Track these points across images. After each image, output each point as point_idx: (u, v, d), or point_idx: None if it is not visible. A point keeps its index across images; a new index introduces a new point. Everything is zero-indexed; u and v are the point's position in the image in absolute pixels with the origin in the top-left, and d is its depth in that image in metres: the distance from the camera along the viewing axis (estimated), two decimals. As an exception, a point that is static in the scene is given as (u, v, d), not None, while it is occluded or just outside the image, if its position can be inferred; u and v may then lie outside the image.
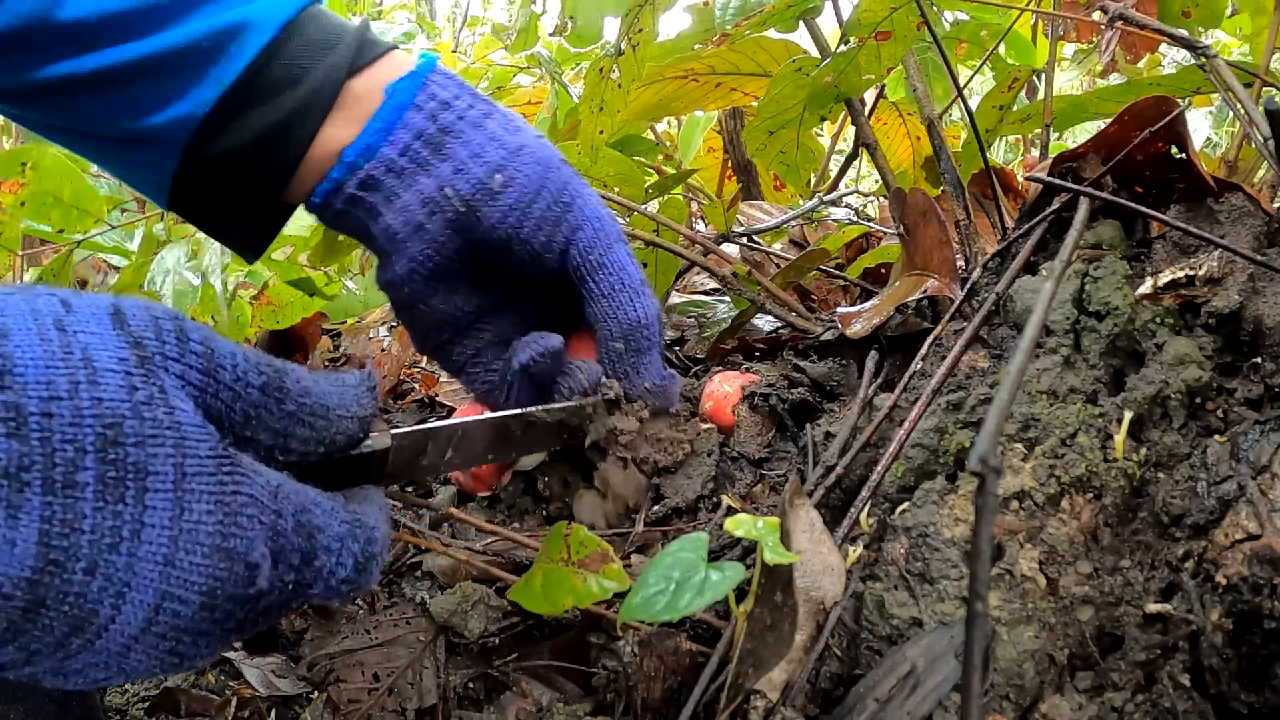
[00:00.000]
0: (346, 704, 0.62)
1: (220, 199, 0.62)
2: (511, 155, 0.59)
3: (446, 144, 0.59)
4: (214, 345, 0.38)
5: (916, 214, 0.85)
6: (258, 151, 0.58)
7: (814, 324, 0.98)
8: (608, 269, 0.60)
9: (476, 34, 3.28)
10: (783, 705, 0.48)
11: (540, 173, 0.59)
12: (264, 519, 0.37)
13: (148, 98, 0.57)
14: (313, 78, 0.58)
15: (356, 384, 0.44)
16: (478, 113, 0.60)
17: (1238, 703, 0.45)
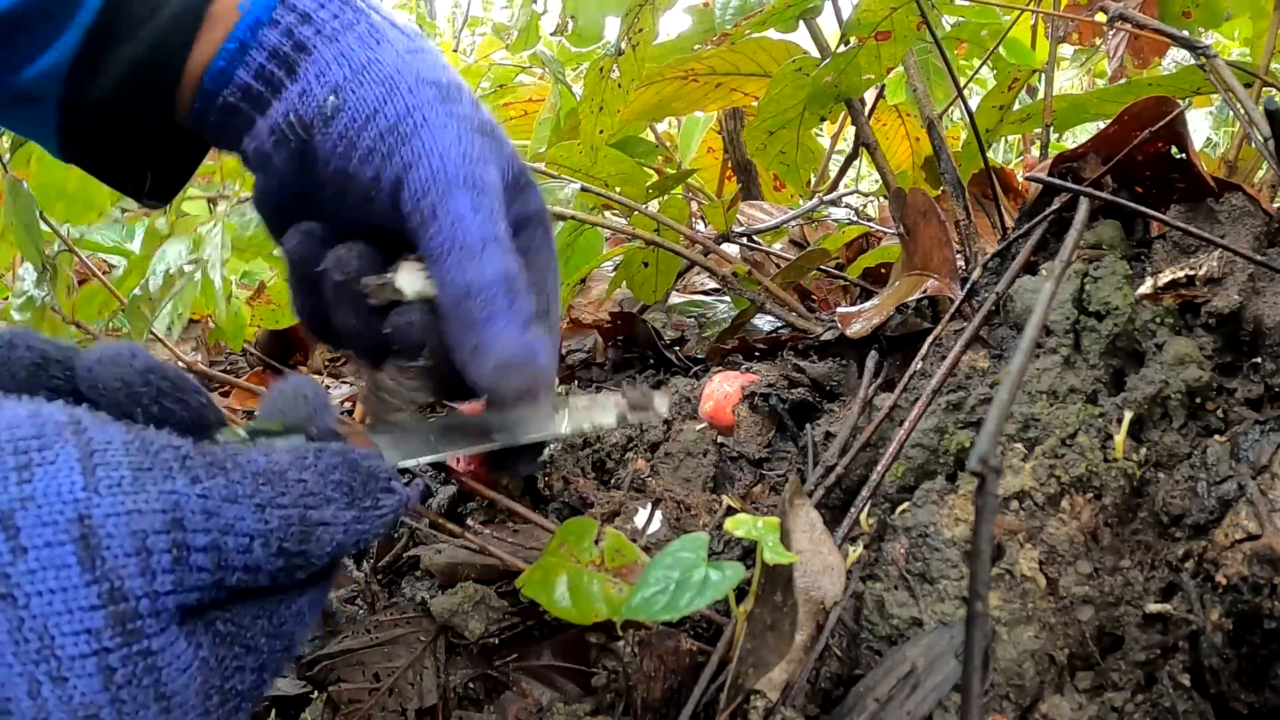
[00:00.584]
0: (347, 704, 0.62)
1: (107, 144, 0.56)
2: (355, 73, 0.50)
3: (300, 63, 0.51)
4: (225, 544, 0.32)
5: (916, 214, 0.85)
6: (129, 90, 0.53)
7: (814, 324, 0.98)
8: (439, 220, 0.48)
9: (477, 34, 3.28)
10: (783, 705, 0.48)
11: (381, 94, 0.50)
12: (251, 697, 0.34)
13: (16, 53, 0.52)
14: (170, 5, 0.52)
15: (388, 514, 0.38)
16: (339, 24, 0.52)
17: (1238, 703, 0.45)
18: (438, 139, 0.49)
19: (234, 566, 0.32)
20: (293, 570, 0.34)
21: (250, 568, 0.32)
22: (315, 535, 0.34)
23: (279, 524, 0.33)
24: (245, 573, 0.32)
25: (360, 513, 0.36)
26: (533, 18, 1.83)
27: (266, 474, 0.33)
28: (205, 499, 0.31)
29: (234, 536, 0.32)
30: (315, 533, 0.34)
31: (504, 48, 1.94)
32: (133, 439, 0.31)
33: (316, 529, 0.34)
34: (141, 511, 0.30)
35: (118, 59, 0.53)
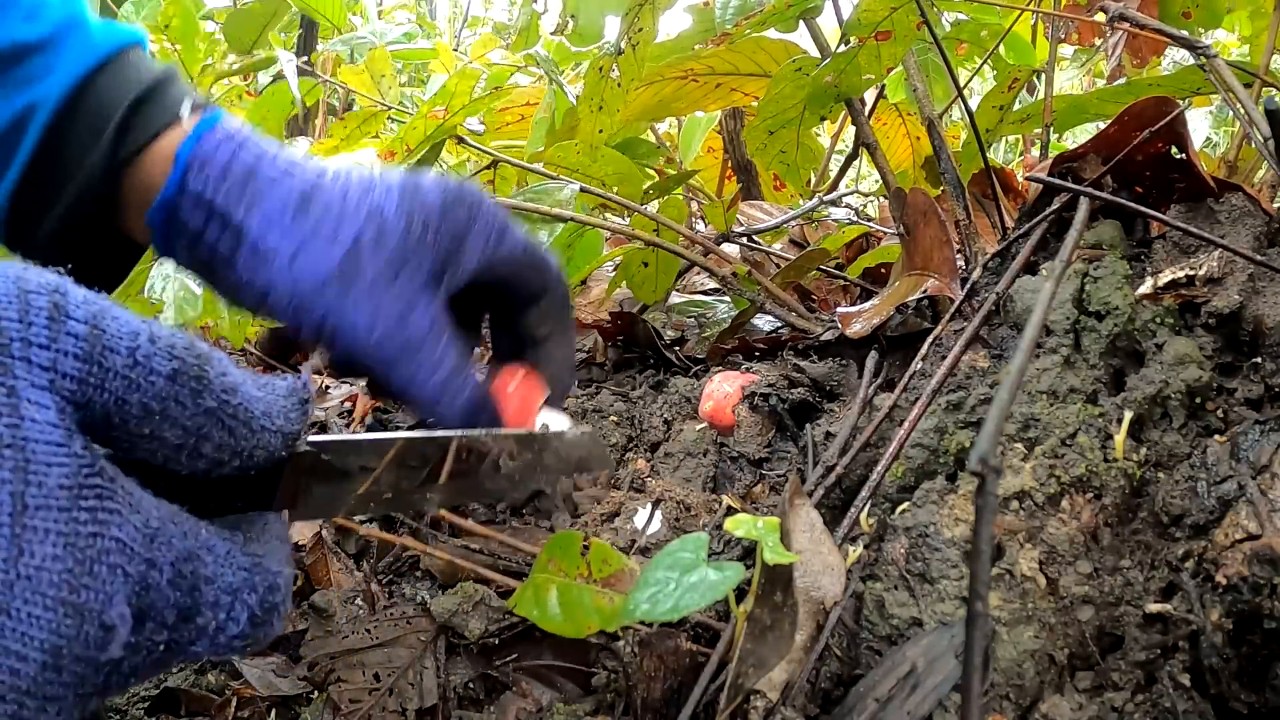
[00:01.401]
0: (347, 704, 0.62)
1: (58, 262, 0.60)
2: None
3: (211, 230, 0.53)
4: (104, 324, 0.32)
5: (917, 213, 0.85)
6: (66, 233, 0.56)
7: (814, 324, 0.98)
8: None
9: (477, 34, 3.28)
10: (783, 705, 0.48)
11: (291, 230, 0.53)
12: (130, 570, 0.31)
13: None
14: (83, 174, 0.54)
15: (288, 392, 0.38)
16: (230, 238, 0.53)
17: (1238, 703, 0.45)
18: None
19: (117, 349, 0.32)
20: (195, 394, 0.33)
21: (138, 360, 0.32)
22: (210, 363, 0.34)
23: (165, 332, 0.33)
24: (132, 364, 0.32)
25: (254, 381, 0.37)
26: (533, 17, 1.83)
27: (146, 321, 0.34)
28: (88, 294, 0.32)
29: (116, 321, 0.32)
30: (209, 360, 0.34)
31: (500, 47, 1.94)
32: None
33: (211, 359, 0.34)
34: (26, 278, 0.31)
35: (49, 215, 0.55)
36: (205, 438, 0.34)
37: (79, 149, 0.54)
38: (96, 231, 0.56)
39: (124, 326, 0.32)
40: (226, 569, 0.35)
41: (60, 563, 0.29)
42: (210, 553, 0.35)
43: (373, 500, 0.43)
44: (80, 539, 0.30)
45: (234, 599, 0.35)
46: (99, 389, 0.31)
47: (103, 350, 0.31)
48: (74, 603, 0.30)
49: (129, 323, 0.32)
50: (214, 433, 0.35)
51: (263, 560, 0.37)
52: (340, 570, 0.81)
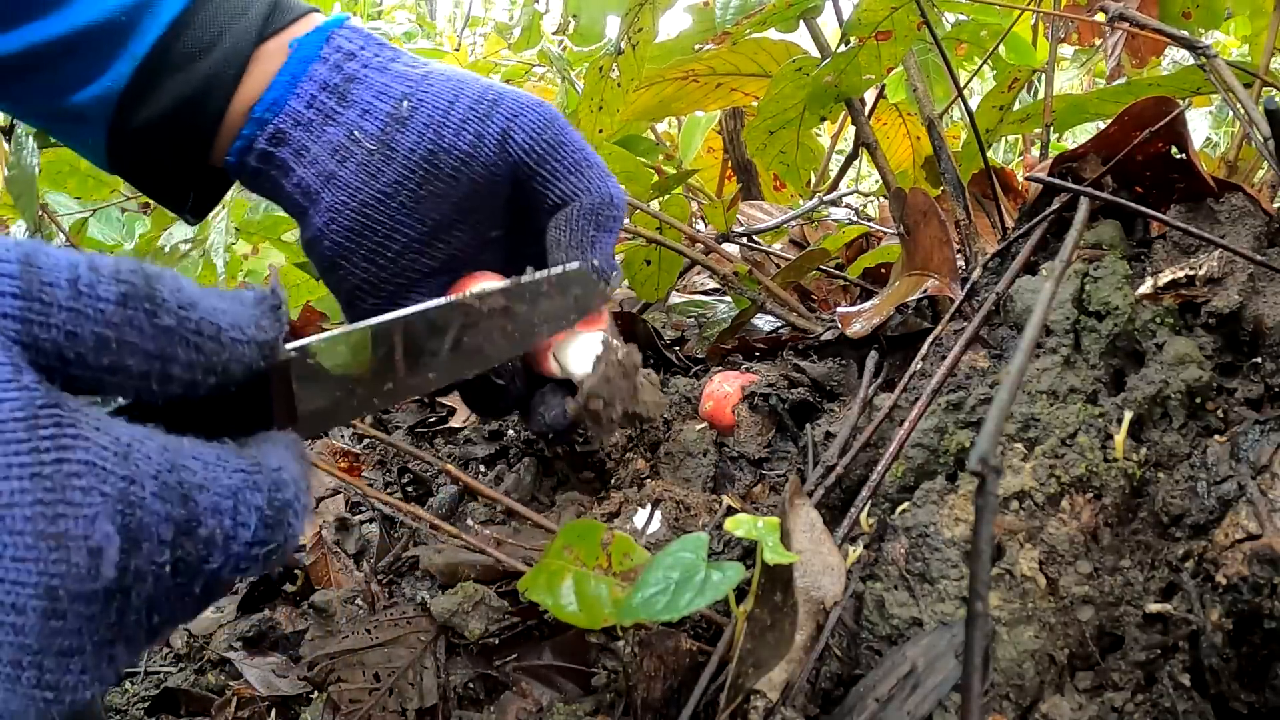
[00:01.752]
0: (347, 704, 0.62)
1: (151, 167, 0.61)
2: (418, 83, 0.58)
3: (351, 91, 0.58)
4: (37, 259, 0.30)
5: (917, 214, 0.85)
6: (176, 120, 0.58)
7: (814, 324, 0.98)
8: (568, 145, 0.57)
9: (478, 34, 3.28)
10: (783, 705, 0.48)
11: (453, 87, 0.58)
12: (107, 488, 0.30)
13: (69, 77, 0.57)
14: (224, 43, 0.57)
15: (256, 300, 0.36)
16: (384, 59, 0.59)
17: (1238, 703, 0.45)
18: (521, 97, 0.57)
19: (57, 283, 0.30)
20: (150, 315, 0.32)
21: (81, 291, 0.31)
22: (161, 279, 0.33)
23: (110, 261, 0.32)
24: (75, 295, 0.30)
25: (216, 292, 0.35)
26: (535, 17, 1.83)
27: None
28: (18, 239, 0.31)
29: (50, 258, 0.31)
30: (162, 279, 0.33)
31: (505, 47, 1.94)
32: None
33: (162, 277, 0.33)
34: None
35: (167, 91, 0.57)
36: (171, 359, 0.33)
37: (210, 34, 0.57)
38: (206, 121, 0.58)
39: (59, 259, 0.31)
40: (219, 472, 0.33)
41: (28, 494, 0.28)
42: (197, 460, 0.33)
43: (375, 395, 0.41)
44: (45, 466, 0.29)
45: (235, 500, 0.33)
46: (43, 325, 0.30)
47: (40, 285, 0.30)
48: (53, 533, 0.28)
49: (65, 256, 0.31)
50: (179, 352, 0.33)
51: (261, 459, 0.35)
52: (340, 570, 0.81)
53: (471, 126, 0.57)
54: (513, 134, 0.57)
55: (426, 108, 0.57)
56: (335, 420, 0.41)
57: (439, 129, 0.57)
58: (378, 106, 0.57)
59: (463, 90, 0.58)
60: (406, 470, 0.93)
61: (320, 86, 0.58)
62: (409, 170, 0.57)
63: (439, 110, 0.57)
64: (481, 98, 0.57)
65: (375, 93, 0.58)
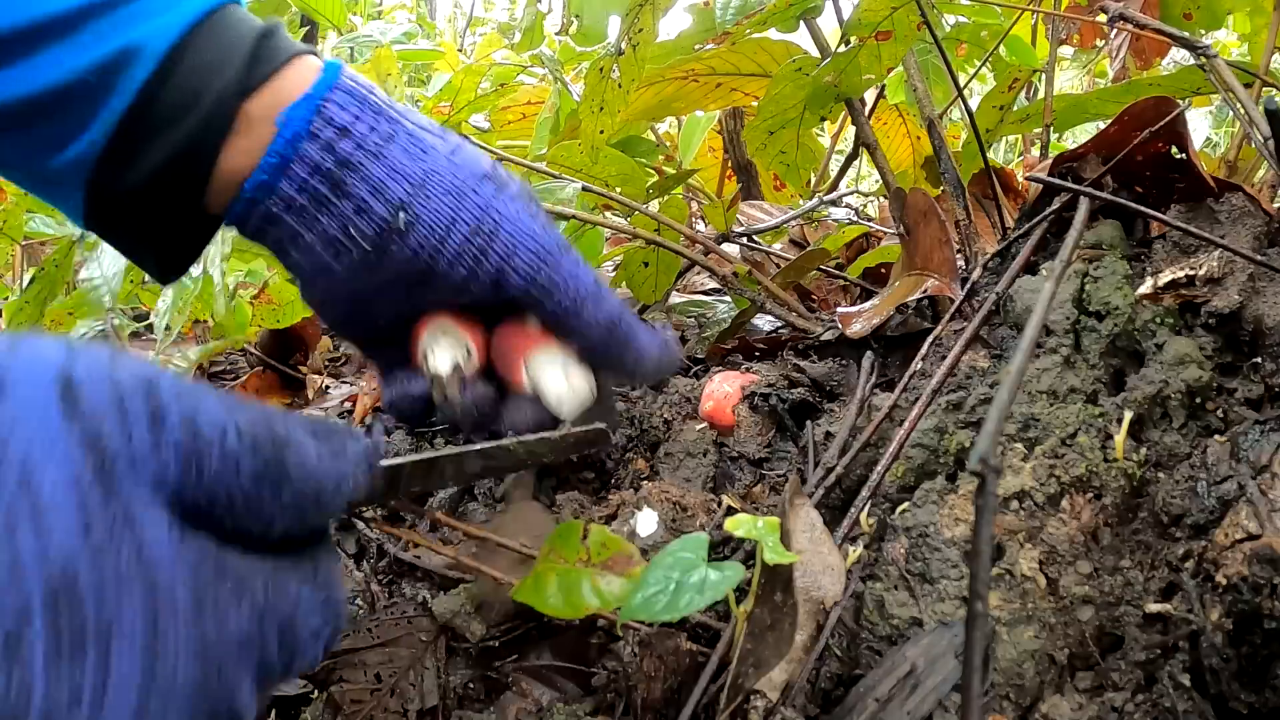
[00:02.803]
0: (348, 704, 0.62)
1: (131, 228, 0.59)
2: (416, 189, 0.54)
3: (346, 180, 0.54)
4: (198, 422, 0.32)
5: (917, 214, 0.85)
6: (157, 186, 0.55)
7: (814, 324, 0.98)
8: (560, 286, 0.55)
9: (478, 34, 3.28)
10: (783, 705, 0.48)
11: (452, 204, 0.54)
12: (249, 654, 0.32)
13: (44, 138, 0.54)
14: (202, 105, 0.53)
15: (360, 458, 0.38)
16: (379, 137, 0.55)
17: (1238, 703, 0.45)
18: (519, 226, 0.55)
19: (209, 447, 0.32)
20: (276, 486, 0.34)
21: (227, 456, 0.32)
22: (289, 447, 0.34)
23: (248, 422, 0.33)
24: (223, 462, 0.32)
25: (329, 448, 0.37)
26: (537, 17, 1.83)
27: (228, 398, 0.34)
28: (176, 384, 0.32)
29: (206, 417, 0.32)
30: (288, 446, 0.34)
31: (504, 47, 1.94)
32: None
33: (288, 444, 0.34)
34: (118, 377, 0.30)
35: (146, 156, 0.54)
36: (275, 521, 0.35)
37: (189, 92, 0.53)
38: (191, 184, 0.55)
39: (214, 419, 0.32)
40: (313, 616, 0.36)
41: (192, 669, 0.30)
42: (300, 605, 0.35)
43: (393, 497, 0.48)
44: (208, 644, 0.30)
45: (317, 640, 0.36)
46: (194, 488, 0.32)
47: (199, 454, 0.31)
48: (206, 701, 0.30)
49: (216, 413, 0.32)
50: (287, 517, 0.35)
51: (329, 591, 0.38)
52: (340, 570, 0.81)
53: (466, 261, 0.54)
54: (506, 275, 0.55)
55: (424, 226, 0.54)
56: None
57: (434, 254, 0.54)
58: (374, 208, 0.54)
59: (461, 210, 0.54)
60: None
61: (312, 170, 0.54)
62: (401, 275, 0.55)
63: (435, 233, 0.54)
64: (479, 226, 0.54)
65: (371, 188, 0.54)
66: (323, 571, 0.38)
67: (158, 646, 0.29)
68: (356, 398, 1.15)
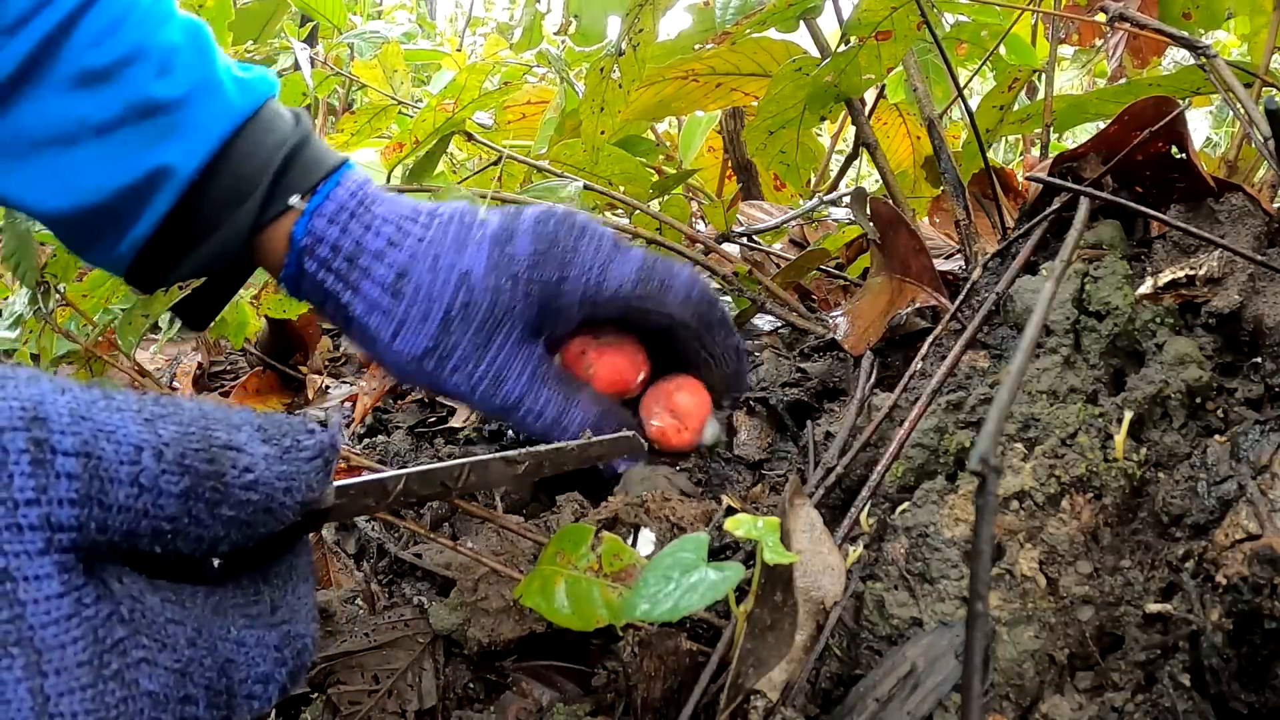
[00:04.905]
0: (346, 705, 0.62)
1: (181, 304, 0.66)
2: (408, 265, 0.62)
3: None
4: (99, 450, 0.27)
5: (884, 224, 0.85)
6: (192, 280, 0.63)
7: (814, 324, 0.98)
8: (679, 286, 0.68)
9: (479, 35, 3.28)
10: (783, 705, 0.48)
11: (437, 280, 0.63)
12: (169, 711, 0.29)
13: (85, 238, 0.61)
14: (220, 236, 0.60)
15: (314, 455, 0.34)
16: (367, 257, 0.62)
17: (1238, 703, 0.45)
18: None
19: (119, 480, 0.27)
20: (213, 504, 0.29)
21: (144, 487, 0.28)
22: (227, 459, 0.30)
23: (174, 436, 0.29)
24: (135, 489, 0.27)
25: (279, 450, 0.32)
26: (536, 17, 1.83)
27: (157, 400, 0.30)
28: (75, 404, 0.27)
29: (113, 444, 0.27)
30: (226, 456, 0.30)
31: (505, 47, 1.94)
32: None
33: (226, 452, 0.30)
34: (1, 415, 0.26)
35: (181, 264, 0.62)
36: (220, 540, 0.31)
37: (215, 210, 0.59)
38: (230, 273, 0.64)
39: (123, 447, 0.27)
40: (259, 660, 0.32)
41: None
42: (241, 649, 0.32)
43: (393, 508, 0.45)
44: (111, 711, 0.27)
45: (266, 685, 0.33)
46: (101, 529, 0.27)
47: (101, 487, 0.27)
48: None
49: (128, 436, 0.28)
50: (231, 533, 0.31)
51: (290, 626, 0.34)
52: (340, 570, 0.81)
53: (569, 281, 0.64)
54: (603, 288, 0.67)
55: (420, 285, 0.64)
56: (351, 519, 0.45)
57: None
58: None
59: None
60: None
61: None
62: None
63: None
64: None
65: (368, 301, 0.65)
66: (283, 602, 0.34)
67: (51, 714, 0.26)
68: (356, 397, 1.15)
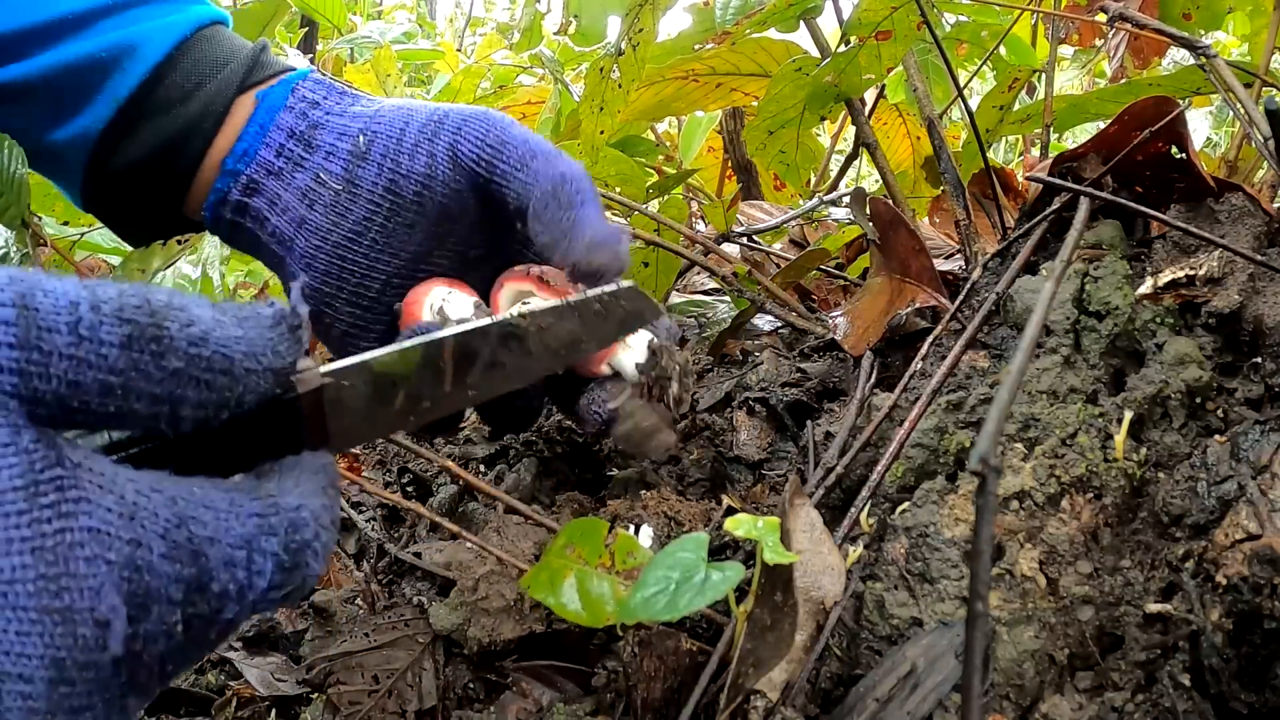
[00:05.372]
0: (346, 705, 0.62)
1: (127, 212, 0.63)
2: (371, 118, 0.59)
3: (315, 136, 0.59)
4: (36, 299, 0.28)
5: (883, 224, 0.85)
6: (153, 165, 0.59)
7: (814, 324, 0.98)
8: (511, 144, 0.57)
9: (479, 35, 3.28)
10: (783, 705, 0.48)
11: (404, 113, 0.59)
12: (112, 556, 0.28)
13: (49, 114, 0.58)
14: (204, 93, 0.59)
15: (273, 321, 0.33)
16: (344, 104, 0.61)
17: (1238, 703, 0.45)
18: (464, 110, 0.58)
19: (56, 329, 0.28)
20: (156, 357, 0.29)
21: (82, 336, 0.28)
22: (169, 314, 0.30)
23: (112, 294, 0.29)
24: (76, 341, 0.28)
25: (233, 318, 0.32)
26: (536, 17, 1.83)
27: (93, 282, 0.30)
28: (13, 271, 0.29)
29: (50, 297, 0.28)
30: (168, 312, 0.30)
31: (504, 48, 1.94)
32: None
33: (169, 310, 0.30)
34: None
35: (145, 135, 0.59)
36: (180, 400, 0.30)
37: (189, 83, 0.59)
38: (183, 166, 0.60)
39: (59, 299, 0.28)
40: (231, 521, 0.31)
41: (31, 570, 0.27)
42: (208, 509, 0.31)
43: (411, 414, 0.39)
44: (47, 539, 0.27)
45: (249, 549, 0.31)
46: (43, 376, 0.28)
47: (39, 332, 0.28)
48: (57, 608, 0.27)
49: (65, 292, 0.28)
50: (189, 392, 0.30)
51: (278, 499, 0.33)
52: (340, 570, 0.81)
53: (424, 148, 0.58)
54: (459, 146, 0.58)
55: (381, 138, 0.59)
56: (369, 436, 0.40)
57: (395, 157, 0.58)
58: (339, 146, 0.59)
59: (412, 116, 0.59)
60: (406, 470, 0.93)
61: (288, 134, 0.60)
62: (375, 204, 0.58)
63: (392, 139, 0.58)
64: (429, 119, 0.59)
65: (336, 134, 0.59)
66: (270, 478, 0.34)
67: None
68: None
